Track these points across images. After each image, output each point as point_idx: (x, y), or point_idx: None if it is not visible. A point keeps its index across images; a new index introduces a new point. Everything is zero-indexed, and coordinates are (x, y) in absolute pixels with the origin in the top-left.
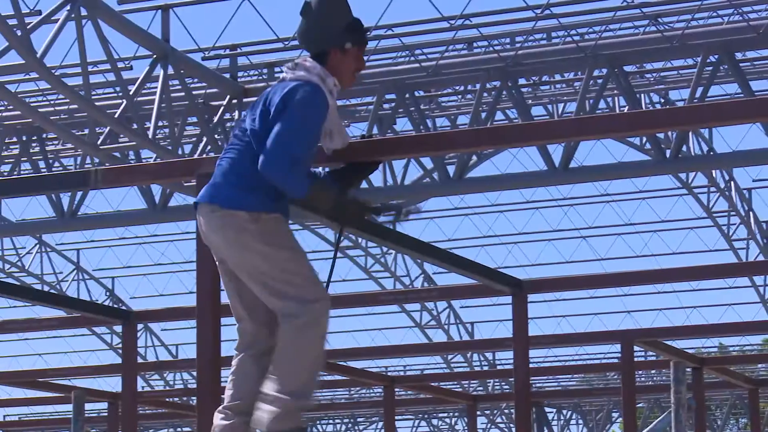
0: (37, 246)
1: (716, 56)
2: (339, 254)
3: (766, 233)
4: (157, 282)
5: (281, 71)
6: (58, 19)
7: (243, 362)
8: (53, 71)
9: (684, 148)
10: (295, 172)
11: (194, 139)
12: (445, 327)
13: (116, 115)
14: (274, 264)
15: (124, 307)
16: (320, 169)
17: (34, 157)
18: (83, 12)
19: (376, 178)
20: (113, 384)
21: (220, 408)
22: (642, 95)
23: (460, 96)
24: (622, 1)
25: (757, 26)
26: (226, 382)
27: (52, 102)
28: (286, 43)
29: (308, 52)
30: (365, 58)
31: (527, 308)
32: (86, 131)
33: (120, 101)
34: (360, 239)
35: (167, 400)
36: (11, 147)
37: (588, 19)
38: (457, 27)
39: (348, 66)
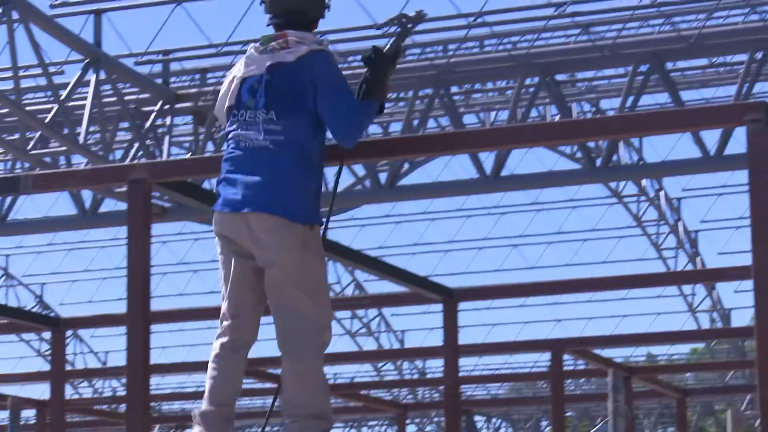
0: None
1: (647, 66)
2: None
3: (694, 243)
4: (86, 289)
5: (263, 48)
6: None
7: (228, 358)
8: None
9: (614, 158)
10: (367, 122)
11: (125, 144)
12: (376, 335)
13: (47, 120)
14: (312, 276)
15: (52, 314)
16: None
17: None
18: (15, 15)
19: None
20: (40, 391)
21: (204, 409)
22: (573, 104)
23: (392, 103)
24: (554, 10)
25: (687, 36)
26: (159, 386)
27: None
28: (219, 48)
29: (283, 11)
30: None
31: (457, 316)
32: (16, 136)
33: (51, 106)
34: None
35: (96, 407)
36: None
37: (520, 28)
38: (389, 34)
39: None
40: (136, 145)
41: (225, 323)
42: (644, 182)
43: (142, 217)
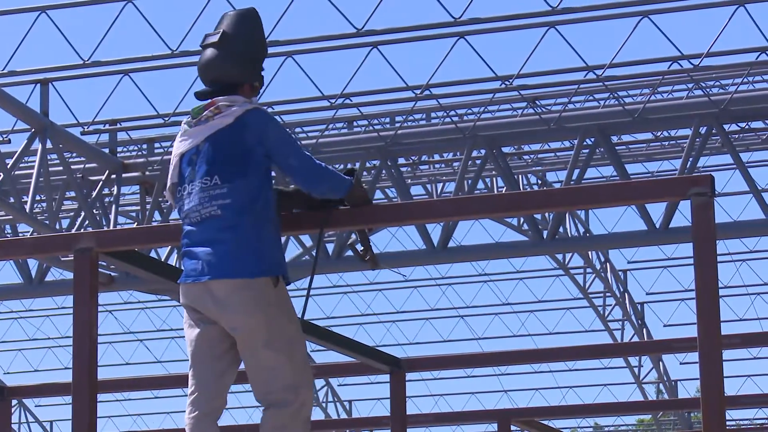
0: None
1: (592, 139)
2: None
3: (640, 314)
4: (32, 357)
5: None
6: None
7: (204, 425)
8: None
9: (561, 230)
10: (327, 171)
11: (72, 213)
12: (323, 405)
13: None
14: (282, 333)
15: None
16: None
17: None
18: None
19: None
20: None
21: None
22: (520, 176)
23: None
24: (500, 83)
25: (632, 110)
26: None
27: None
28: (166, 119)
29: (211, 81)
30: None
31: (405, 387)
32: None
33: None
34: None
35: None
36: None
37: (467, 101)
38: (337, 106)
39: None
40: (83, 214)
41: (194, 395)
42: (591, 254)
43: (89, 286)
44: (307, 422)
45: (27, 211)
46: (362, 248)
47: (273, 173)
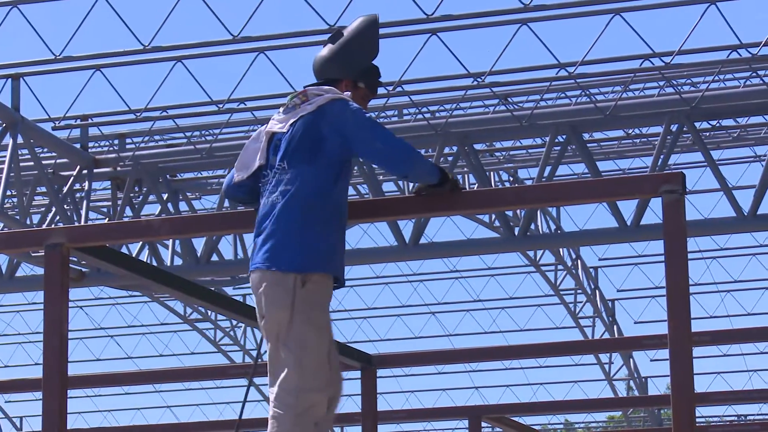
0: None
1: (564, 136)
2: (188, 327)
3: (611, 311)
4: (2, 353)
5: (288, 106)
6: None
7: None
8: None
9: (532, 226)
10: (413, 152)
11: (43, 209)
12: None
13: None
14: (296, 335)
15: None
16: None
17: None
18: None
19: (227, 251)
20: None
21: None
22: (491, 173)
23: None
24: (472, 80)
25: (604, 108)
26: None
27: None
28: (138, 114)
29: (319, 77)
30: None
31: (376, 383)
32: None
33: None
34: (210, 312)
35: None
36: None
37: (439, 97)
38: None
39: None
40: (54, 209)
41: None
42: (562, 251)
43: (59, 281)
44: (313, 426)
45: None
46: None
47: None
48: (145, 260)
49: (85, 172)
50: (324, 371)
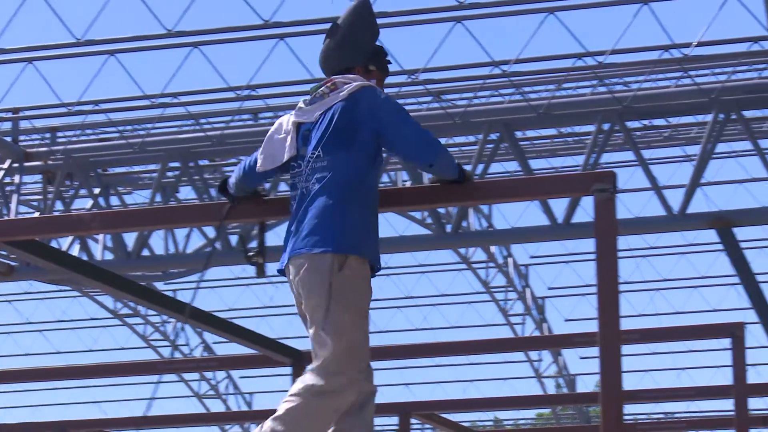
0: None
1: (497, 134)
2: (118, 323)
3: (541, 309)
4: None
5: (307, 100)
6: None
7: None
8: None
9: (464, 224)
10: (439, 145)
11: None
12: (224, 397)
13: None
14: (334, 317)
15: None
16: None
17: None
18: None
19: (159, 246)
20: None
21: None
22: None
23: None
24: (406, 77)
25: (536, 106)
26: None
27: None
28: (70, 108)
29: (330, 70)
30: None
31: None
32: None
33: None
34: (139, 307)
35: None
36: None
37: None
38: (243, 97)
39: None
40: None
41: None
42: (493, 249)
43: None
44: (332, 412)
45: None
46: (256, 248)
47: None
48: (75, 255)
49: (15, 165)
50: (357, 360)
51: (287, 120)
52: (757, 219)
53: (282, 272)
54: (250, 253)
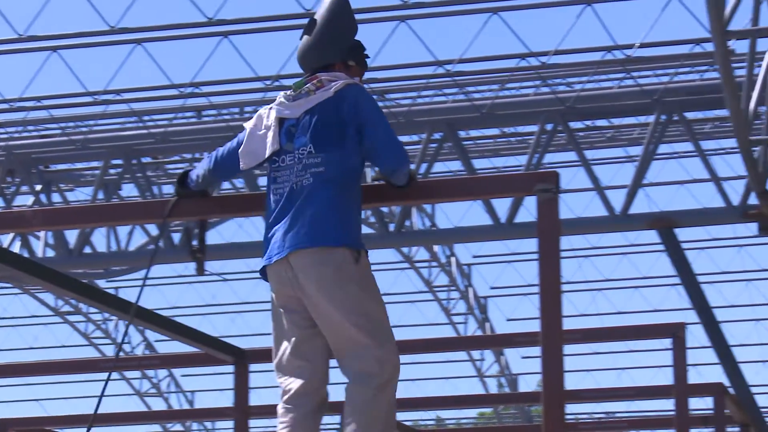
0: None
1: (440, 133)
2: (60, 320)
3: (484, 308)
4: None
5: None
6: None
7: (302, 422)
8: None
9: (407, 223)
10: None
11: None
12: (166, 395)
13: None
14: (363, 311)
15: None
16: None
17: None
18: None
19: (100, 243)
20: None
21: None
22: (367, 169)
23: (187, 163)
24: None
25: (480, 106)
26: None
27: None
28: (12, 104)
29: (309, 66)
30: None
31: (249, 378)
32: None
33: None
34: (81, 305)
35: None
36: None
37: None
38: (186, 95)
39: None
40: None
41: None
42: (436, 248)
43: None
44: (395, 397)
45: None
46: (196, 245)
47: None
48: (16, 252)
49: None
50: (393, 343)
51: (267, 115)
52: (698, 220)
53: (263, 271)
54: (194, 248)
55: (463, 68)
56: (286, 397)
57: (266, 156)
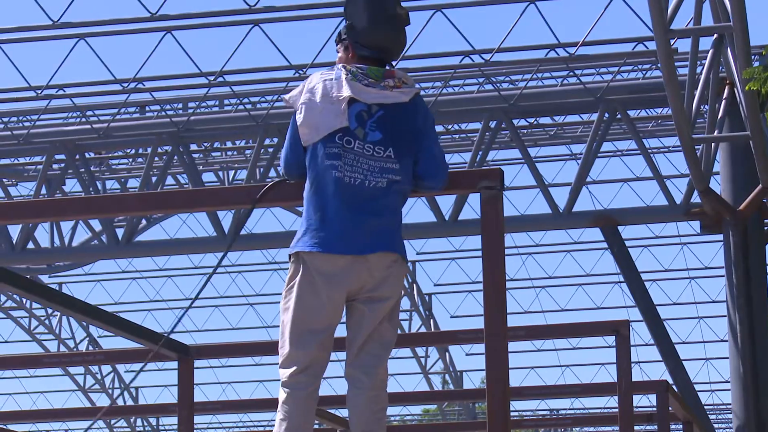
0: None
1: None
2: (2, 315)
3: (428, 305)
4: None
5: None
6: None
7: (309, 399)
8: None
9: None
10: None
11: None
12: (110, 391)
13: None
14: (396, 319)
15: None
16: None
17: None
18: None
19: (44, 238)
20: None
21: None
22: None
23: (131, 159)
24: (294, 72)
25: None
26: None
27: None
28: None
29: (390, 59)
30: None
31: (193, 374)
32: None
33: None
34: (25, 300)
35: None
36: None
37: (261, 89)
38: (129, 90)
39: None
40: None
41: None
42: None
43: None
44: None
45: None
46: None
47: None
48: None
49: None
50: None
51: (332, 87)
52: (642, 218)
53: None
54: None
55: (406, 65)
56: (295, 371)
57: (332, 129)
